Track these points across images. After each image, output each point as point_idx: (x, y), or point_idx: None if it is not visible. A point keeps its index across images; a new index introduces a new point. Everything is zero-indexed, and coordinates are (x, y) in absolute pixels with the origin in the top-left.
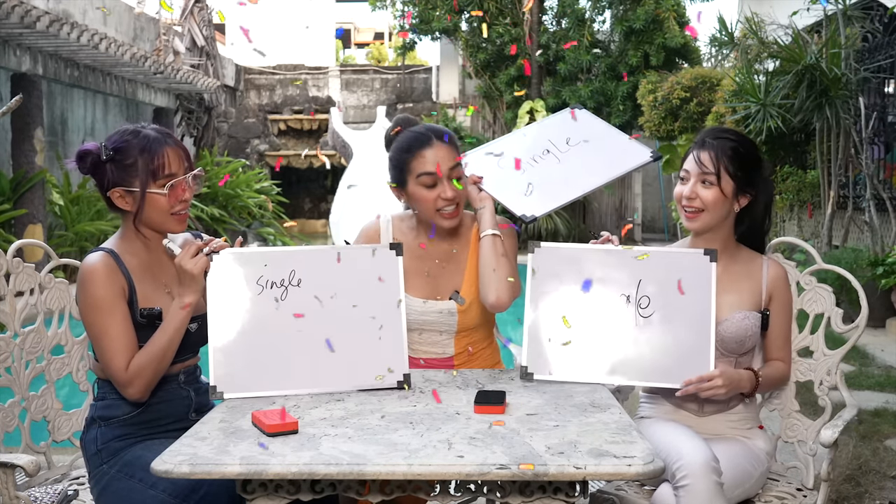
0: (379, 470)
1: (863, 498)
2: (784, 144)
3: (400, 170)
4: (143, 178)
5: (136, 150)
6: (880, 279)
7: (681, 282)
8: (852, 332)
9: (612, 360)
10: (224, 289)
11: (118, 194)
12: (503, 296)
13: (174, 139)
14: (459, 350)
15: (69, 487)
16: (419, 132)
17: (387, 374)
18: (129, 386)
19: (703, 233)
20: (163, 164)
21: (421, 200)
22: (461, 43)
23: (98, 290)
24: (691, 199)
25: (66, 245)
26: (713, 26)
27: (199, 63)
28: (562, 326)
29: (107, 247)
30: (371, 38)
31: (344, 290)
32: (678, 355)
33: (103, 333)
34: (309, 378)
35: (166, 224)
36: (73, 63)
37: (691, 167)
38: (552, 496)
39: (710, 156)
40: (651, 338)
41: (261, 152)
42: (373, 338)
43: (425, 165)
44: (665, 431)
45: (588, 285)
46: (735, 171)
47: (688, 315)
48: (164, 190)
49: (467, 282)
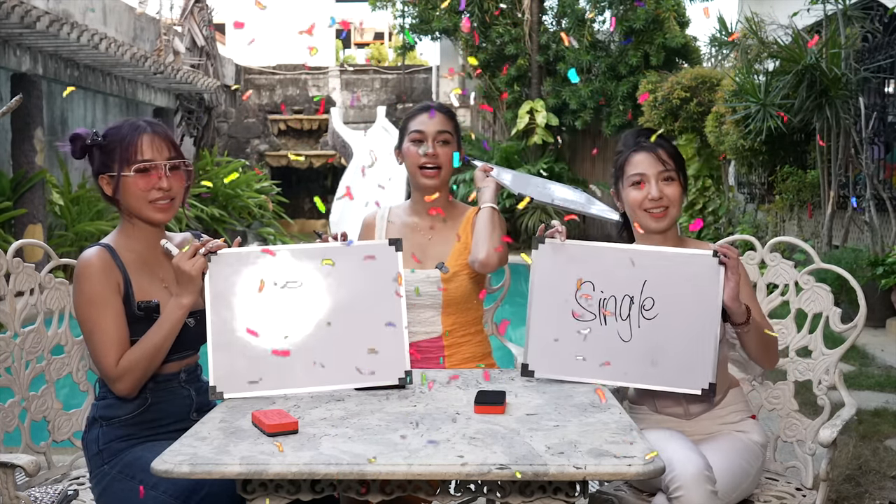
0: (379, 470)
1: (863, 498)
2: (784, 144)
3: (401, 131)
4: (119, 162)
5: (116, 137)
6: (880, 279)
7: (687, 283)
8: (851, 331)
9: (613, 361)
10: (223, 289)
11: (105, 181)
12: (492, 257)
13: (160, 128)
14: (447, 328)
15: (69, 487)
16: (423, 103)
17: (388, 372)
18: (118, 381)
19: (668, 230)
20: (136, 150)
21: (409, 156)
22: (461, 43)
23: (92, 284)
24: (658, 199)
25: (66, 245)
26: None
27: (199, 63)
28: (564, 324)
29: (104, 242)
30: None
31: (344, 288)
32: (679, 358)
33: (95, 327)
34: (309, 377)
35: (144, 211)
36: (73, 63)
37: (647, 169)
38: (552, 496)
39: (667, 153)
40: (653, 339)
41: (261, 152)
42: (373, 336)
43: (417, 125)
44: (655, 440)
45: (591, 284)
46: (681, 165)
47: (692, 318)
48: (132, 173)
49: (453, 255)
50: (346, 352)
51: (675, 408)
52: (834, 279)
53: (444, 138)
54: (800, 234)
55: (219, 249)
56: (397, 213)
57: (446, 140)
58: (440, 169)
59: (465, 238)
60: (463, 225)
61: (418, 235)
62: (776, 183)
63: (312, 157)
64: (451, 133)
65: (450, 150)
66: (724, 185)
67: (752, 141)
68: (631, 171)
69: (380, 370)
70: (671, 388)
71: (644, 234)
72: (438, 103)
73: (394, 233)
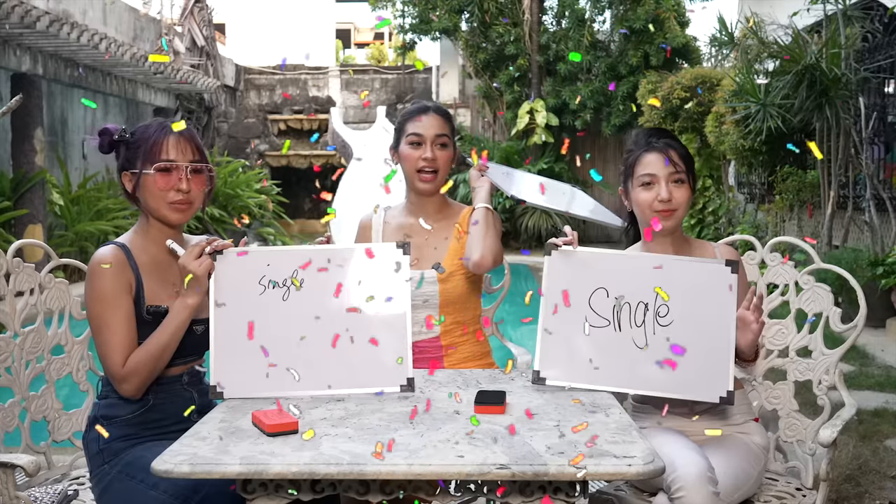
0: (379, 470)
1: (863, 498)
2: (784, 144)
3: (398, 132)
4: (142, 159)
5: (144, 135)
6: (880, 279)
7: (702, 291)
8: (851, 331)
9: (626, 369)
10: (226, 288)
11: (127, 178)
12: (487, 256)
13: (187, 131)
14: (444, 328)
15: (69, 487)
16: (421, 103)
17: (389, 378)
18: (124, 382)
19: (674, 232)
20: (161, 149)
21: (406, 158)
22: (461, 43)
23: (105, 282)
24: (668, 200)
25: (66, 245)
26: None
27: (199, 63)
28: (577, 331)
29: (120, 241)
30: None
31: (347, 290)
32: (696, 366)
33: (104, 326)
34: (311, 379)
35: (160, 210)
36: (73, 63)
37: (657, 170)
38: (552, 496)
39: (678, 155)
40: (669, 346)
41: (261, 152)
42: (376, 339)
43: (415, 127)
44: (659, 442)
45: (604, 290)
46: (691, 167)
47: (707, 326)
48: (153, 171)
49: (449, 255)
50: (349, 355)
51: (680, 408)
52: (834, 279)
53: (442, 142)
54: (800, 235)
55: (224, 249)
56: (393, 214)
57: (444, 143)
58: (437, 172)
59: (456, 241)
60: (454, 232)
61: (415, 236)
62: (776, 183)
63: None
64: (448, 136)
65: (447, 153)
66: (724, 185)
67: (752, 141)
68: (641, 171)
69: (382, 376)
70: (689, 397)
71: (656, 234)
72: (435, 104)
73: (390, 234)
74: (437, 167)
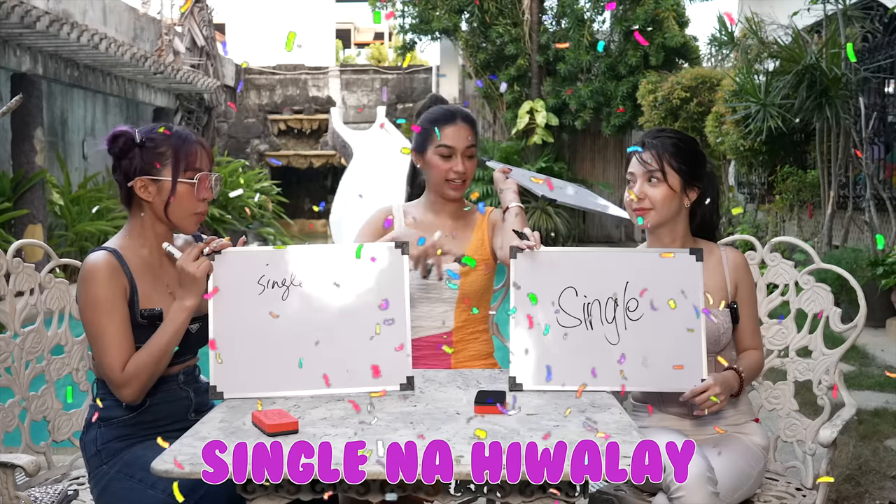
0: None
1: (863, 498)
2: (784, 144)
3: (424, 138)
4: (176, 166)
5: (169, 141)
6: (880, 279)
7: (668, 281)
8: (851, 331)
9: (602, 366)
10: (225, 288)
11: (142, 183)
12: None
13: (203, 140)
14: (458, 324)
15: (69, 487)
16: (449, 109)
17: (389, 377)
18: (124, 387)
19: (656, 228)
20: (195, 157)
21: (435, 168)
22: (461, 43)
23: (99, 289)
24: (640, 199)
25: (66, 245)
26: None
27: (199, 63)
28: (549, 333)
29: (110, 246)
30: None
31: (347, 290)
32: (670, 358)
33: (102, 333)
34: (310, 379)
35: (184, 221)
36: (73, 63)
37: (635, 168)
38: (552, 496)
39: (653, 154)
40: (642, 340)
41: (261, 152)
42: (376, 339)
43: (446, 138)
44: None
45: (573, 289)
46: (679, 165)
47: (677, 315)
48: (194, 179)
49: (471, 250)
50: (348, 355)
51: (679, 408)
52: (834, 279)
53: (471, 153)
54: (800, 234)
55: (223, 248)
56: (410, 210)
57: (472, 154)
58: (466, 181)
59: (478, 238)
60: (478, 224)
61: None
62: (776, 183)
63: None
64: (475, 145)
65: (475, 161)
66: (724, 185)
67: (752, 141)
68: (627, 170)
69: (381, 374)
70: (666, 389)
71: (649, 232)
72: (463, 111)
73: (411, 228)
74: (466, 178)
